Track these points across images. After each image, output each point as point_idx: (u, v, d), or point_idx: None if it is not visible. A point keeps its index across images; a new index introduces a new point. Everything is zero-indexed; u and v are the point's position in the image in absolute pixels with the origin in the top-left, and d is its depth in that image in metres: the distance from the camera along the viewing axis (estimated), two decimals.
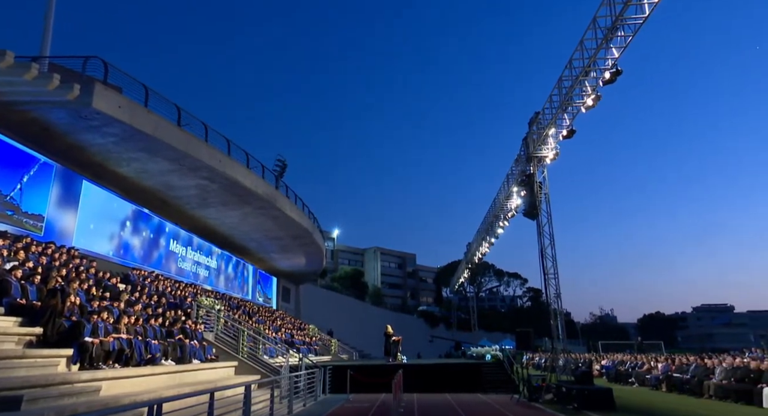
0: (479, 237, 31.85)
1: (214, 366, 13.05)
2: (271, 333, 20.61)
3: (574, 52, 12.26)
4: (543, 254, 16.12)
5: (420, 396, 14.66)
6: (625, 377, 19.68)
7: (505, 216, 22.84)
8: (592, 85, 12.14)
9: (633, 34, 10.52)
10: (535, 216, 16.27)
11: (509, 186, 20.13)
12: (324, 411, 11.27)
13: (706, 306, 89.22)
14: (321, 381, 14.42)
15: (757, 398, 11.53)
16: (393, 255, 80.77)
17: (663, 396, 14.52)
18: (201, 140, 15.86)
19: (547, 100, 14.63)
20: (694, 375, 14.80)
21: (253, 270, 30.77)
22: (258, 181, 19.31)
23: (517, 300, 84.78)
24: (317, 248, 29.08)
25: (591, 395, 11.51)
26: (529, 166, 16.55)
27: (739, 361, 14.66)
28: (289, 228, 23.99)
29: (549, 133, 15.29)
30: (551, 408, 11.78)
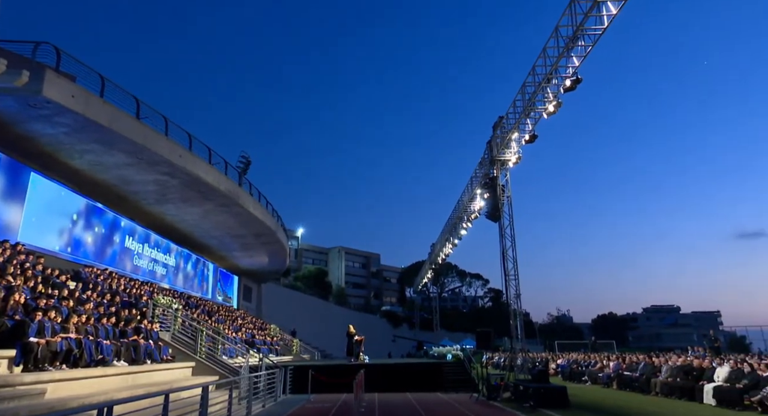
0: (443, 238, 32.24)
1: (170, 367, 12.66)
2: (231, 332, 20.18)
3: (537, 59, 12.62)
4: (504, 256, 16.48)
5: (381, 396, 14.68)
6: (579, 375, 20.36)
7: (469, 217, 23.21)
8: (554, 92, 12.52)
9: (592, 44, 10.92)
10: (498, 219, 16.62)
11: (473, 188, 20.47)
12: (284, 412, 11.12)
13: (655, 307, 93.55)
14: (282, 381, 14.24)
15: (699, 395, 12.17)
16: (357, 255, 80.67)
17: (614, 394, 15.11)
18: (160, 134, 15.34)
19: (511, 105, 14.99)
20: (642, 374, 15.47)
21: (213, 269, 30.03)
22: (220, 178, 18.86)
23: (478, 300, 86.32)
24: (281, 247, 28.68)
25: (546, 393, 11.84)
26: (493, 169, 16.89)
27: (684, 360, 15.47)
28: (252, 227, 23.57)
29: (512, 138, 15.65)
30: (509, 407, 12.04)
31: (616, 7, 10.09)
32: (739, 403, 10.91)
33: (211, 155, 18.61)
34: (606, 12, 10.32)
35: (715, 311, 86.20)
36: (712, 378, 12.37)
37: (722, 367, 12.69)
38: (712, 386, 11.89)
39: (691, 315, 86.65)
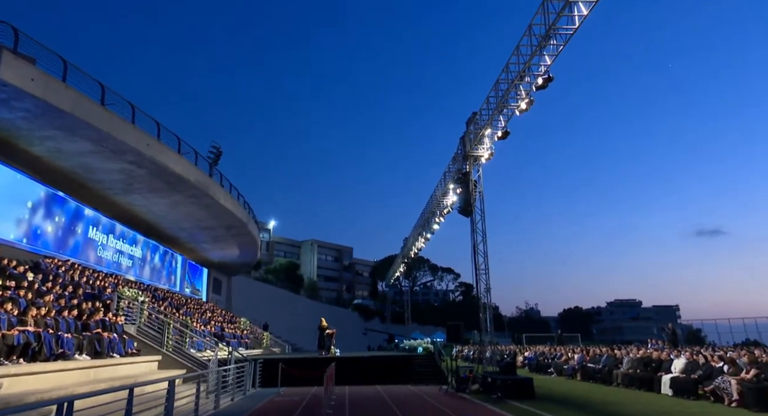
0: (416, 233, 32.42)
1: (135, 361, 12.36)
2: (200, 326, 19.84)
3: (511, 56, 12.77)
4: (475, 250, 16.70)
5: (352, 389, 14.73)
6: (545, 367, 20.90)
7: (441, 212, 23.39)
8: (526, 90, 12.70)
9: (564, 44, 11.12)
10: (470, 214, 16.81)
11: (446, 183, 20.63)
12: (253, 406, 11.02)
13: (618, 301, 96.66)
14: (251, 375, 14.11)
15: (657, 385, 12.67)
16: (330, 248, 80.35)
17: (577, 385, 15.57)
18: (127, 121, 14.85)
19: (485, 101, 15.13)
20: (605, 365, 15.99)
21: (182, 261, 29.40)
22: (190, 168, 18.43)
23: (449, 294, 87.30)
24: (252, 239, 28.29)
25: (513, 385, 12.11)
26: (466, 165, 17.05)
27: (643, 352, 16.06)
28: (223, 218, 23.14)
29: (485, 134, 15.82)
30: (476, 398, 12.27)
31: (587, 8, 10.29)
32: (693, 393, 11.41)
33: (180, 145, 18.16)
34: (577, 12, 10.51)
35: (674, 305, 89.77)
36: (669, 370, 12.89)
37: (679, 359, 13.24)
38: (670, 377, 12.40)
39: (652, 309, 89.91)
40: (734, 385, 10.04)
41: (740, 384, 9.95)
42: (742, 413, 9.19)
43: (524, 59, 12.18)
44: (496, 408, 10.44)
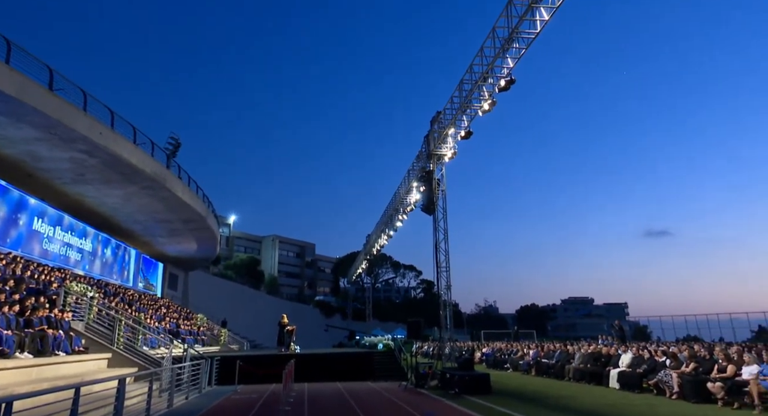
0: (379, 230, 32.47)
1: (83, 359, 11.84)
2: (154, 322, 19.20)
3: (475, 57, 12.95)
4: (437, 248, 16.89)
5: (311, 386, 14.64)
6: (501, 363, 21.45)
7: (405, 210, 23.51)
8: (489, 91, 12.92)
9: (526, 47, 11.39)
10: (432, 212, 16.99)
11: (409, 181, 20.75)
12: (208, 404, 10.77)
13: (572, 298, 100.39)
14: (207, 372, 13.78)
15: (606, 379, 13.25)
16: (292, 244, 79.41)
17: (532, 380, 16.07)
18: (78, 108, 14.13)
19: (449, 100, 15.30)
20: (558, 361, 16.58)
21: (135, 255, 28.33)
22: (146, 159, 17.75)
23: (411, 291, 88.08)
24: (211, 234, 27.58)
25: (471, 380, 12.36)
26: (429, 163, 17.21)
27: (594, 348, 16.75)
28: (180, 212, 22.44)
29: (448, 133, 16.00)
30: (435, 394, 12.45)
31: (549, 13, 10.56)
32: (638, 386, 12.00)
33: (136, 134, 17.46)
34: (539, 17, 10.77)
35: (623, 302, 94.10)
36: (617, 365, 13.50)
37: (626, 354, 13.88)
38: (617, 371, 12.99)
39: (603, 307, 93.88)
40: (675, 378, 10.62)
41: (680, 377, 10.53)
42: (681, 405, 9.74)
43: (488, 61, 12.39)
44: (453, 403, 10.62)
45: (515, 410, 9.29)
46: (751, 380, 8.88)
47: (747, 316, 37.55)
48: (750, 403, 8.82)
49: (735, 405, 9.06)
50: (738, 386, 9.25)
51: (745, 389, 9.00)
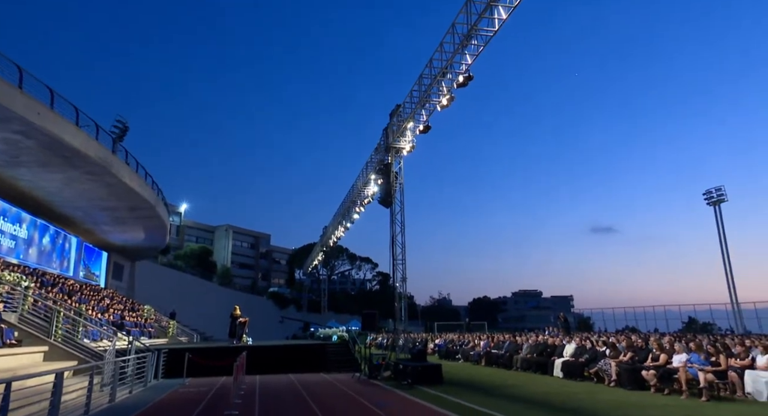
0: (336, 222, 32.33)
1: (15, 352, 11.15)
2: (96, 314, 18.32)
3: (435, 52, 13.05)
4: (393, 240, 17.02)
5: (263, 378, 14.46)
6: (453, 354, 21.96)
7: (362, 202, 23.50)
8: (448, 86, 13.07)
9: (484, 45, 11.59)
10: (389, 204, 17.07)
11: (367, 173, 20.74)
12: (154, 398, 10.41)
13: (522, 291, 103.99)
14: (153, 365, 13.31)
15: (551, 369, 13.85)
16: (246, 234, 77.72)
17: (482, 370, 16.55)
18: (12, 86, 13.14)
19: (408, 94, 15.36)
20: (507, 351, 17.15)
21: (77, 243, 26.86)
22: (90, 142, 16.78)
23: (367, 283, 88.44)
24: (160, 222, 26.53)
25: (423, 371, 12.58)
26: (388, 156, 17.26)
27: (540, 338, 17.45)
28: (127, 199, 21.42)
29: (407, 127, 16.09)
30: (388, 384, 12.59)
31: (507, 12, 10.77)
32: (580, 375, 12.62)
33: (78, 116, 16.45)
34: (497, 16, 10.97)
35: (569, 295, 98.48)
36: (561, 354, 14.13)
37: (570, 345, 14.56)
38: (561, 361, 13.60)
39: (551, 299, 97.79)
40: (613, 367, 11.24)
41: (618, 366, 11.16)
42: (617, 392, 10.32)
43: (447, 56, 12.51)
44: (405, 393, 10.78)
45: (465, 399, 9.55)
46: (680, 367, 9.54)
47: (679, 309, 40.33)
48: (678, 389, 9.48)
49: (665, 392, 9.71)
50: (669, 373, 9.91)
51: (675, 376, 9.66)
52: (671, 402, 8.79)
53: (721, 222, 36.77)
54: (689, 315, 40.99)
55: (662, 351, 10.68)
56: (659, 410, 8.03)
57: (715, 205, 37.20)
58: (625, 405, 8.62)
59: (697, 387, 9.17)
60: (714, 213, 37.20)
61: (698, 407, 8.26)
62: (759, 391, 8.91)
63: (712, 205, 37.39)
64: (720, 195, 36.95)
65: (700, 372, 9.15)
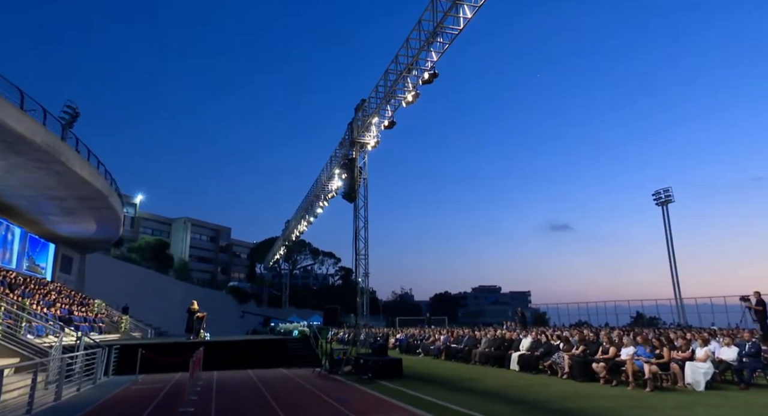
0: (299, 216, 31.97)
1: None
2: (41, 308, 17.42)
3: (401, 48, 13.08)
4: (357, 235, 17.00)
5: (221, 374, 14.19)
6: (414, 348, 22.21)
7: (326, 196, 23.32)
8: (413, 83, 13.13)
9: (450, 42, 11.70)
10: (353, 199, 17.03)
11: (332, 168, 20.59)
12: (103, 396, 10.01)
13: (482, 287, 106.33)
14: (103, 362, 12.81)
15: (508, 362, 14.23)
16: (205, 227, 75.66)
17: (441, 364, 16.82)
18: None
19: (374, 89, 15.35)
20: (466, 346, 17.50)
21: (21, 234, 25.41)
22: (37, 128, 15.86)
23: (329, 278, 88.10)
24: (113, 214, 25.43)
25: (384, 365, 12.67)
26: (352, 151, 17.19)
27: (498, 333, 17.89)
28: (77, 188, 20.39)
29: (372, 122, 16.07)
30: (348, 379, 12.60)
31: (472, 11, 10.91)
32: (535, 368, 13.03)
33: (23, 100, 15.51)
34: (462, 14, 11.09)
35: (527, 291, 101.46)
36: (518, 348, 14.55)
37: (526, 339, 15.00)
38: (517, 354, 14.00)
39: (509, 295, 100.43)
40: (566, 360, 11.67)
41: (571, 358, 11.60)
42: (569, 384, 10.73)
43: (413, 52, 12.55)
44: (365, 387, 10.82)
45: (424, 392, 9.68)
46: (627, 360, 10.01)
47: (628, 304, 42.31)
48: (626, 380, 9.95)
49: (614, 383, 10.17)
50: (617, 366, 10.38)
51: (623, 368, 10.13)
52: (619, 393, 9.21)
53: (668, 222, 38.80)
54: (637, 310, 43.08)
55: (612, 345, 11.17)
56: (607, 401, 8.40)
57: (663, 205, 39.17)
58: (575, 396, 8.96)
59: (642, 379, 9.64)
60: (662, 213, 39.18)
61: (643, 397, 8.70)
62: (697, 381, 9.48)
63: (660, 206, 39.35)
64: (668, 196, 38.93)
65: (646, 364, 9.63)
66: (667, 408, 7.66)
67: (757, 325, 13.62)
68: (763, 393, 9.14)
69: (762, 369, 10.54)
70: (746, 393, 9.07)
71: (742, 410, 7.44)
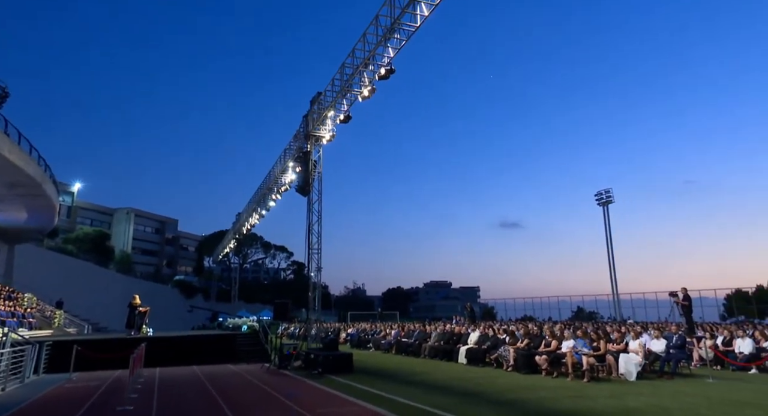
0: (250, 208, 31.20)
1: None
2: None
3: (357, 42, 12.97)
4: (310, 230, 16.79)
5: (165, 370, 13.71)
6: (365, 343, 22.32)
7: (279, 189, 22.85)
8: (369, 78, 13.07)
9: (407, 39, 11.72)
10: (307, 193, 16.78)
11: (285, 160, 20.19)
12: (31, 395, 9.40)
13: (433, 282, 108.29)
14: (33, 359, 12.04)
15: (456, 355, 14.59)
16: (150, 218, 72.41)
17: (392, 358, 17.00)
18: None
19: (330, 82, 15.14)
20: (416, 340, 17.77)
21: None
22: None
23: (281, 272, 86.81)
24: (47, 202, 23.85)
25: (334, 360, 12.65)
26: (307, 144, 16.93)
27: (448, 327, 18.28)
28: (6, 174, 18.96)
29: (328, 115, 15.88)
30: (298, 374, 12.50)
31: (428, 9, 10.98)
32: (482, 361, 13.44)
33: None
34: (420, 12, 11.14)
35: (476, 286, 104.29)
36: (466, 342, 14.94)
37: (474, 333, 15.43)
38: (465, 348, 14.37)
39: (459, 290, 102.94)
40: (511, 353, 12.10)
41: (516, 352, 12.04)
42: (514, 376, 11.14)
43: (370, 47, 12.49)
44: (315, 382, 10.77)
45: (373, 387, 9.75)
46: (568, 352, 10.51)
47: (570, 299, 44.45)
48: (566, 372, 10.45)
49: (555, 375, 10.66)
50: (558, 358, 10.88)
51: (564, 360, 10.63)
52: (559, 384, 9.66)
53: (608, 222, 40.94)
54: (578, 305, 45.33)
55: (554, 338, 11.69)
56: (548, 391, 8.79)
57: (604, 205, 41.25)
58: (518, 388, 9.32)
59: (581, 370, 10.16)
60: (603, 213, 41.28)
61: (581, 387, 9.17)
62: (630, 372, 10.12)
63: (601, 206, 41.44)
64: (608, 196, 41.02)
65: (584, 356, 10.15)
66: (601, 397, 8.12)
67: (683, 319, 14.67)
68: (686, 382, 9.87)
69: (686, 359, 11.39)
70: (672, 383, 9.76)
71: (668, 398, 8.00)
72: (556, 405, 7.55)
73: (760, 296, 36.89)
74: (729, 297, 37.84)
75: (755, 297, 36.71)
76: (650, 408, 7.18)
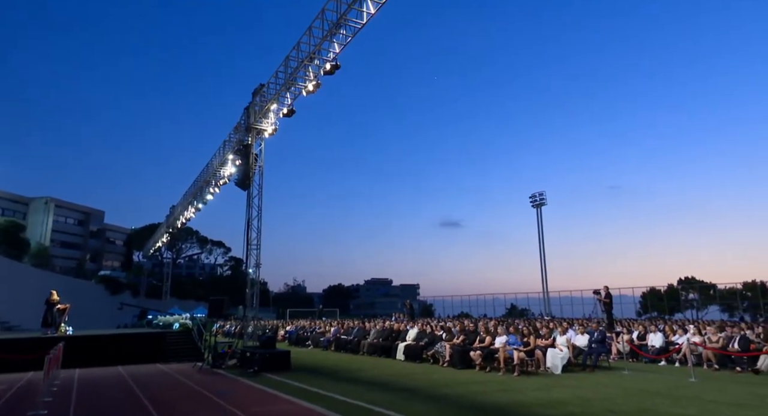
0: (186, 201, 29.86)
1: None
2: None
3: (303, 35, 12.76)
4: (249, 225, 16.34)
5: (84, 371, 12.87)
6: (304, 340, 22.05)
7: (217, 183, 22.04)
8: (315, 72, 12.92)
9: (352, 36, 11.67)
10: (247, 187, 16.31)
11: (225, 153, 19.51)
12: None
13: (374, 279, 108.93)
14: None
15: (394, 352, 14.77)
16: (73, 209, 67.27)
17: (331, 355, 16.92)
18: None
19: (273, 75, 14.80)
20: (355, 337, 17.81)
21: None
22: None
23: (218, 268, 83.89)
24: None
25: (271, 358, 12.40)
26: (248, 136, 16.45)
27: (387, 324, 18.48)
28: None
29: (271, 108, 15.51)
30: (232, 373, 12.14)
31: (375, 7, 11.00)
32: (419, 357, 13.70)
33: None
34: (366, 9, 11.14)
35: (416, 284, 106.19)
36: (405, 339, 15.16)
37: (413, 329, 15.69)
38: (404, 345, 14.59)
39: (399, 287, 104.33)
40: (447, 349, 12.44)
41: (452, 348, 12.39)
42: (449, 371, 11.47)
43: (315, 41, 12.33)
44: (250, 381, 10.52)
45: (310, 384, 9.66)
46: (500, 348, 10.96)
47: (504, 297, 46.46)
48: (498, 367, 10.90)
49: (488, 369, 11.09)
50: (491, 353, 11.32)
51: (496, 355, 11.07)
52: (491, 378, 10.06)
53: (541, 223, 43.06)
54: (511, 303, 47.49)
55: (488, 334, 12.14)
56: (480, 385, 9.13)
57: (537, 207, 43.34)
58: (453, 382, 9.61)
59: (512, 365, 10.63)
60: (536, 214, 43.36)
61: (510, 381, 9.61)
62: (555, 366, 10.73)
63: (535, 208, 43.51)
64: (542, 199, 43.14)
65: (515, 351, 10.63)
66: (529, 390, 8.54)
67: (605, 315, 15.76)
68: (605, 374, 10.62)
69: (605, 353, 12.25)
70: (593, 375, 10.46)
71: (589, 389, 8.57)
72: (488, 398, 7.86)
73: (671, 294, 40.42)
74: (644, 295, 41.18)
75: (666, 295, 40.19)
76: (573, 399, 7.65)
